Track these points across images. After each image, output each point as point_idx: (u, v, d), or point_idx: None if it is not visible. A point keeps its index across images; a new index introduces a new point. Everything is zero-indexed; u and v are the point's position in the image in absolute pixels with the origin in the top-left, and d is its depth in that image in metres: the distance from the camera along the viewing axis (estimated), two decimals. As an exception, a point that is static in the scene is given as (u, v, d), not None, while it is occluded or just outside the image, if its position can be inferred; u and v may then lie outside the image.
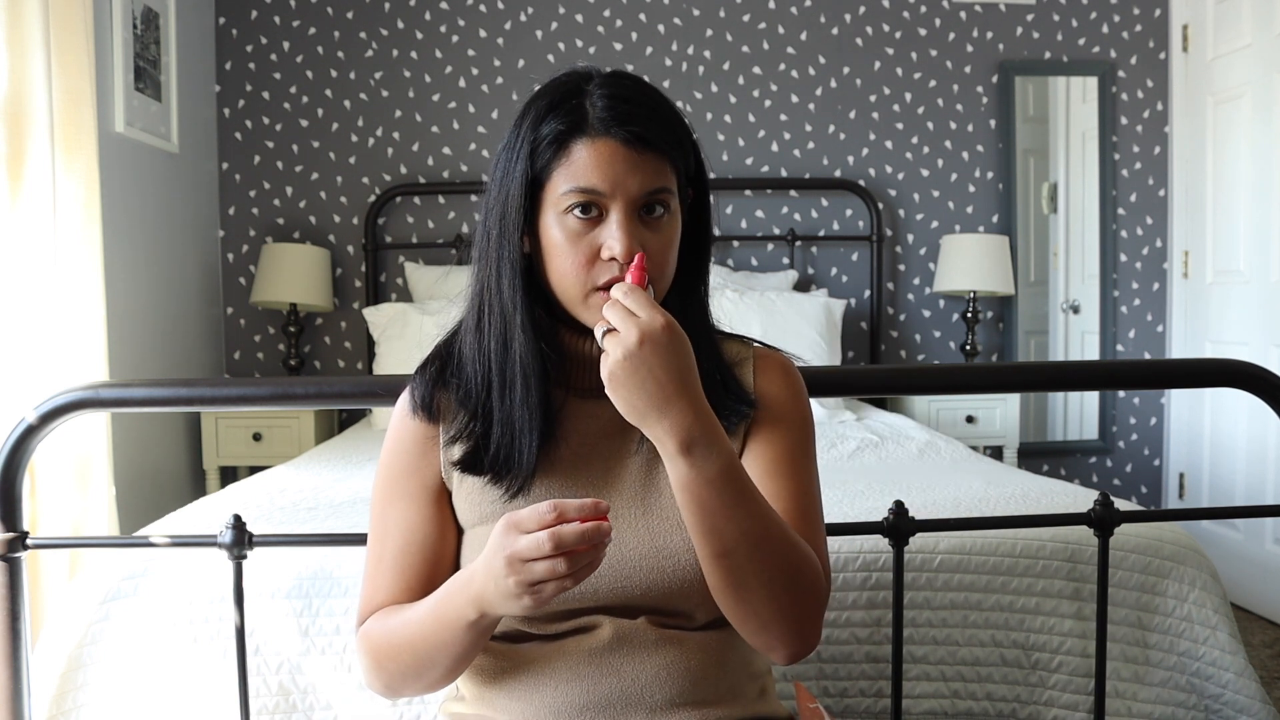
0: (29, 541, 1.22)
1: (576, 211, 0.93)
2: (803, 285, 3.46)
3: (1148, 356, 3.59)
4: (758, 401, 1.04)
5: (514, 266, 0.97)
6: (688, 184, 1.01)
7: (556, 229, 0.95)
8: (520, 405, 0.97)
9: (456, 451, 1.00)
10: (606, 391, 0.88)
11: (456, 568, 1.03)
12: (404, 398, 1.05)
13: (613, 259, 0.93)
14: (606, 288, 0.94)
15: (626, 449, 1.02)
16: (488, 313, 0.99)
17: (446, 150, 3.42)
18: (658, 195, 0.95)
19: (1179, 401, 3.56)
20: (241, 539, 1.24)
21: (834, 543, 1.48)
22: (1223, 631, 1.53)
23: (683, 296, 1.03)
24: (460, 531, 1.03)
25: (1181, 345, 3.53)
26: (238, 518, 1.25)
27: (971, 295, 3.38)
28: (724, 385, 1.02)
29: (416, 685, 0.99)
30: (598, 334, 0.88)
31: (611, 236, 0.93)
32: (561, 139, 0.94)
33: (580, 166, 0.93)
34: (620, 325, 0.86)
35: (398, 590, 1.01)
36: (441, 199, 3.42)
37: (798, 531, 1.00)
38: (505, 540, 0.83)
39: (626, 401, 0.87)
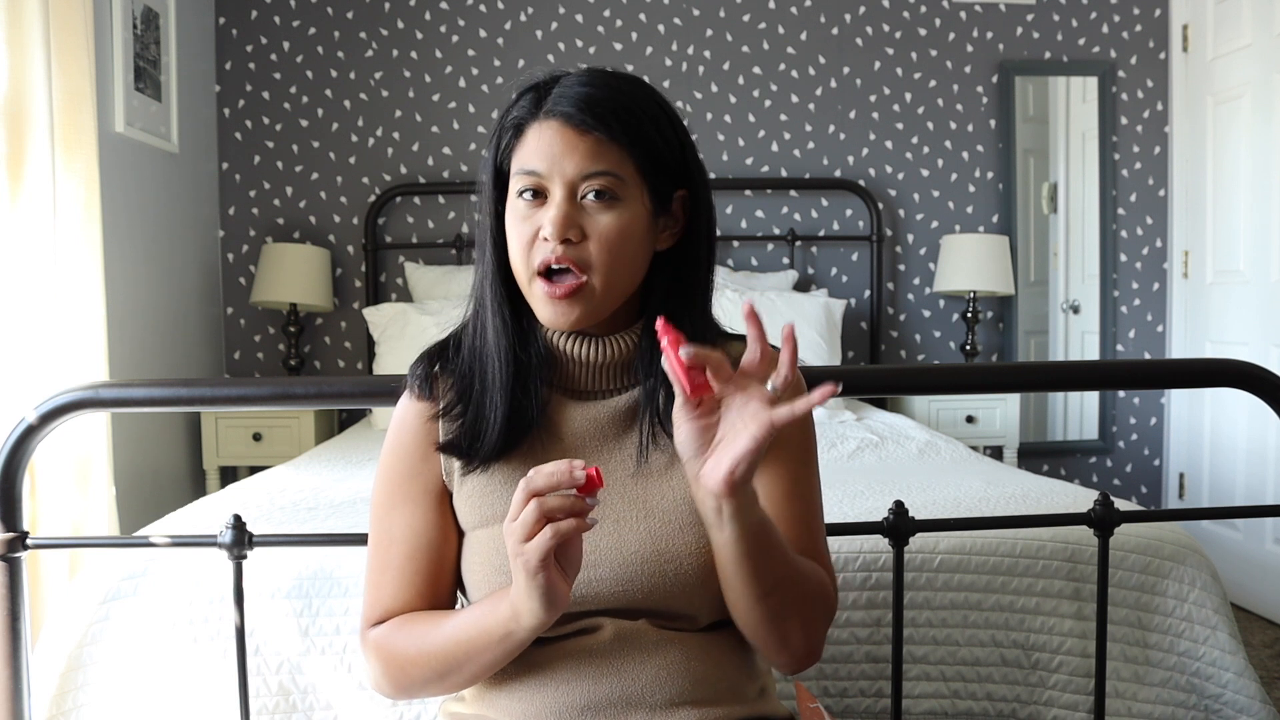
0: (29, 541, 1.22)
1: (525, 195, 0.94)
2: (803, 285, 3.46)
3: (1148, 356, 3.59)
4: None
5: (488, 255, 0.99)
6: (674, 182, 0.99)
7: (510, 213, 0.96)
8: (491, 389, 0.99)
9: (444, 431, 1.01)
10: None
11: (458, 572, 1.03)
12: (406, 386, 1.05)
13: (546, 239, 0.93)
14: (543, 274, 0.94)
15: (624, 451, 1.01)
16: (477, 303, 1.02)
17: (446, 150, 3.42)
18: (600, 178, 0.93)
19: (1179, 401, 3.56)
20: (241, 539, 1.24)
21: (834, 543, 1.48)
22: (1223, 631, 1.53)
23: (676, 301, 1.01)
24: (461, 535, 1.03)
25: (1181, 345, 3.53)
26: (238, 518, 1.25)
27: (971, 295, 3.38)
28: None
29: (435, 689, 0.99)
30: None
31: (545, 216, 0.93)
32: (519, 125, 0.96)
33: (527, 149, 0.95)
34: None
35: (407, 596, 1.00)
36: (441, 199, 3.42)
37: (808, 551, 1.02)
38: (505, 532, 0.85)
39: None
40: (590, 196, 0.94)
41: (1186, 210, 3.49)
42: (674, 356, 0.82)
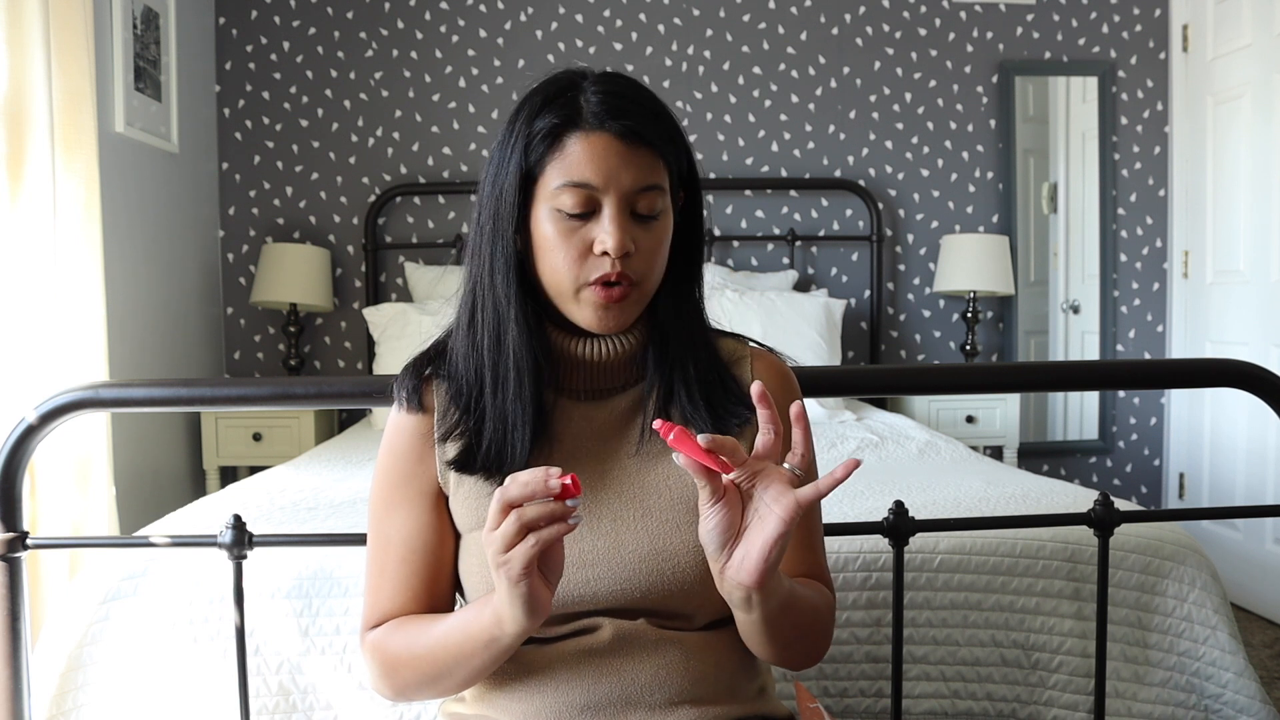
0: (29, 541, 1.22)
1: (570, 205, 0.93)
2: (803, 285, 3.46)
3: (1148, 356, 3.59)
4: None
5: (507, 262, 0.97)
6: (679, 185, 1.01)
7: (549, 223, 0.95)
8: (513, 400, 0.97)
9: (450, 450, 1.00)
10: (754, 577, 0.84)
11: (456, 574, 1.03)
12: (395, 399, 1.04)
13: (604, 253, 0.93)
14: (598, 283, 0.94)
15: (622, 451, 1.01)
16: (480, 309, 0.99)
17: (446, 150, 3.43)
18: (650, 191, 0.95)
19: (1179, 401, 3.56)
20: (241, 539, 1.24)
21: (834, 543, 1.48)
22: (1223, 631, 1.53)
23: (677, 297, 1.02)
24: (458, 536, 1.03)
25: (1181, 345, 3.53)
26: (238, 518, 1.25)
27: (971, 295, 3.38)
28: (723, 386, 1.02)
29: (430, 692, 1.00)
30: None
31: (604, 231, 0.93)
32: (556, 132, 0.94)
33: (574, 160, 0.93)
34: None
35: (404, 599, 1.01)
36: (441, 199, 3.42)
37: (810, 568, 1.04)
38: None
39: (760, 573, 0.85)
40: (641, 209, 0.95)
41: (1186, 210, 3.49)
42: (693, 448, 0.82)
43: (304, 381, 1.28)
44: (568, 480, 0.80)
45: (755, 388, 0.84)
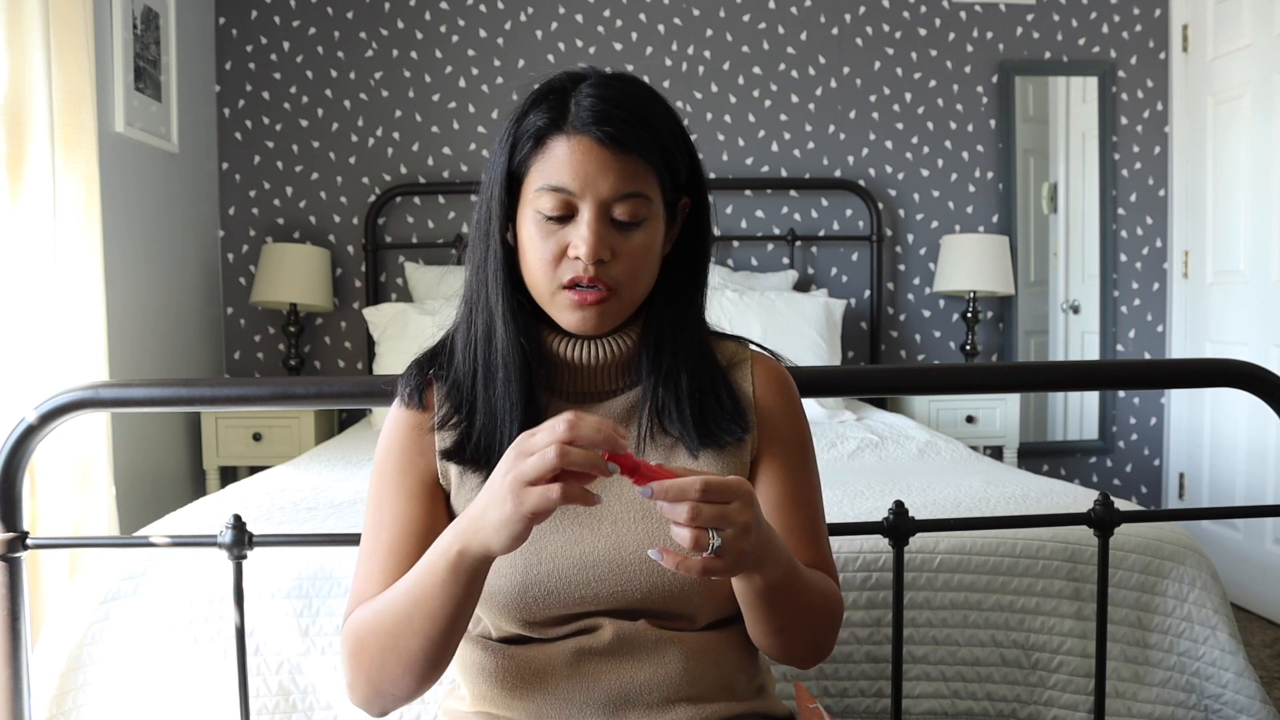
0: (29, 541, 1.22)
1: (548, 209, 0.93)
2: (803, 285, 3.46)
3: (1148, 356, 3.59)
4: (757, 414, 1.04)
5: (497, 259, 0.98)
6: (681, 191, 1.00)
7: (530, 224, 0.95)
8: (502, 395, 0.98)
9: (445, 439, 1.00)
10: (738, 566, 0.83)
11: None
12: (397, 393, 1.05)
13: (578, 258, 0.93)
14: (571, 286, 0.94)
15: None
16: (475, 306, 1.00)
17: (446, 150, 3.43)
18: (631, 199, 0.93)
19: (1179, 401, 3.56)
20: (241, 539, 1.24)
21: (834, 543, 1.48)
22: (1222, 631, 1.53)
23: (675, 304, 1.02)
24: None
25: (1181, 345, 3.53)
26: (238, 518, 1.25)
27: (971, 295, 3.38)
28: (717, 400, 1.01)
29: (395, 667, 0.90)
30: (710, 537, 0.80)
31: (578, 236, 0.93)
32: (540, 135, 0.94)
33: (554, 163, 0.93)
34: (733, 515, 0.80)
35: (388, 583, 0.97)
36: (441, 199, 3.42)
37: (813, 559, 1.03)
38: (517, 444, 0.81)
39: (747, 563, 0.84)
40: (620, 216, 0.94)
41: (1186, 210, 3.49)
42: (654, 472, 0.80)
43: (304, 381, 1.28)
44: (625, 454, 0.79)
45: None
